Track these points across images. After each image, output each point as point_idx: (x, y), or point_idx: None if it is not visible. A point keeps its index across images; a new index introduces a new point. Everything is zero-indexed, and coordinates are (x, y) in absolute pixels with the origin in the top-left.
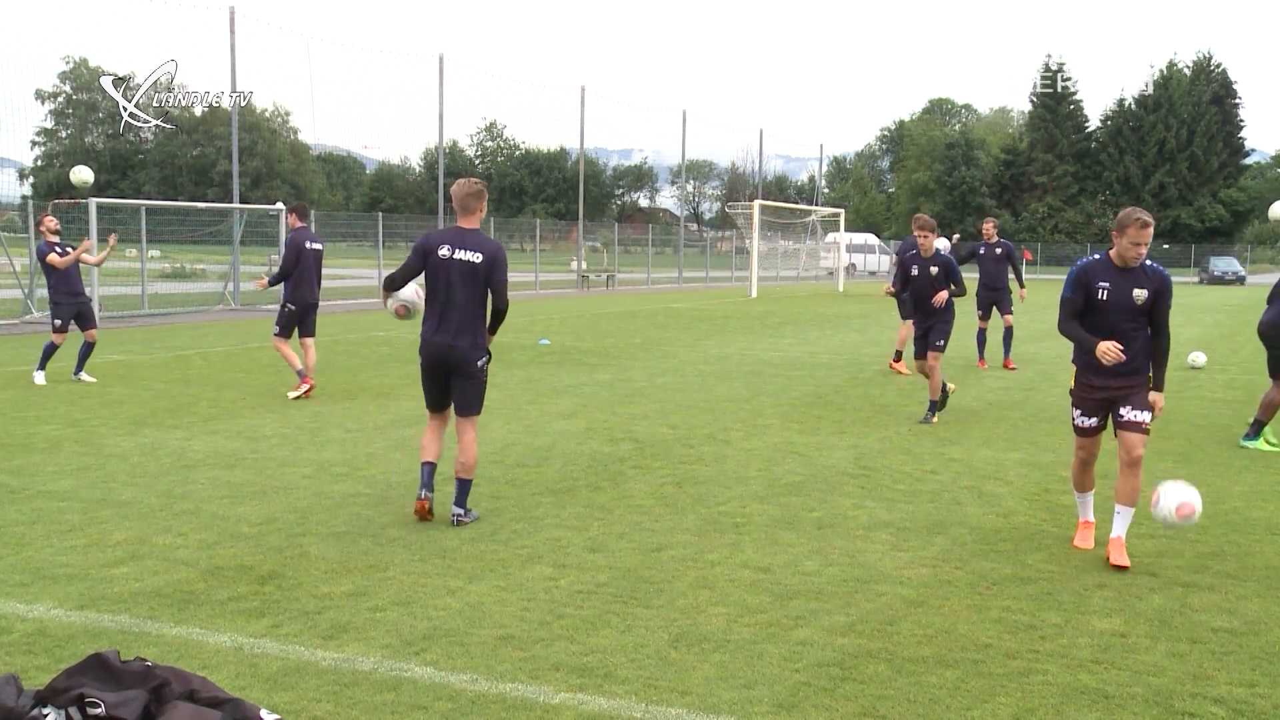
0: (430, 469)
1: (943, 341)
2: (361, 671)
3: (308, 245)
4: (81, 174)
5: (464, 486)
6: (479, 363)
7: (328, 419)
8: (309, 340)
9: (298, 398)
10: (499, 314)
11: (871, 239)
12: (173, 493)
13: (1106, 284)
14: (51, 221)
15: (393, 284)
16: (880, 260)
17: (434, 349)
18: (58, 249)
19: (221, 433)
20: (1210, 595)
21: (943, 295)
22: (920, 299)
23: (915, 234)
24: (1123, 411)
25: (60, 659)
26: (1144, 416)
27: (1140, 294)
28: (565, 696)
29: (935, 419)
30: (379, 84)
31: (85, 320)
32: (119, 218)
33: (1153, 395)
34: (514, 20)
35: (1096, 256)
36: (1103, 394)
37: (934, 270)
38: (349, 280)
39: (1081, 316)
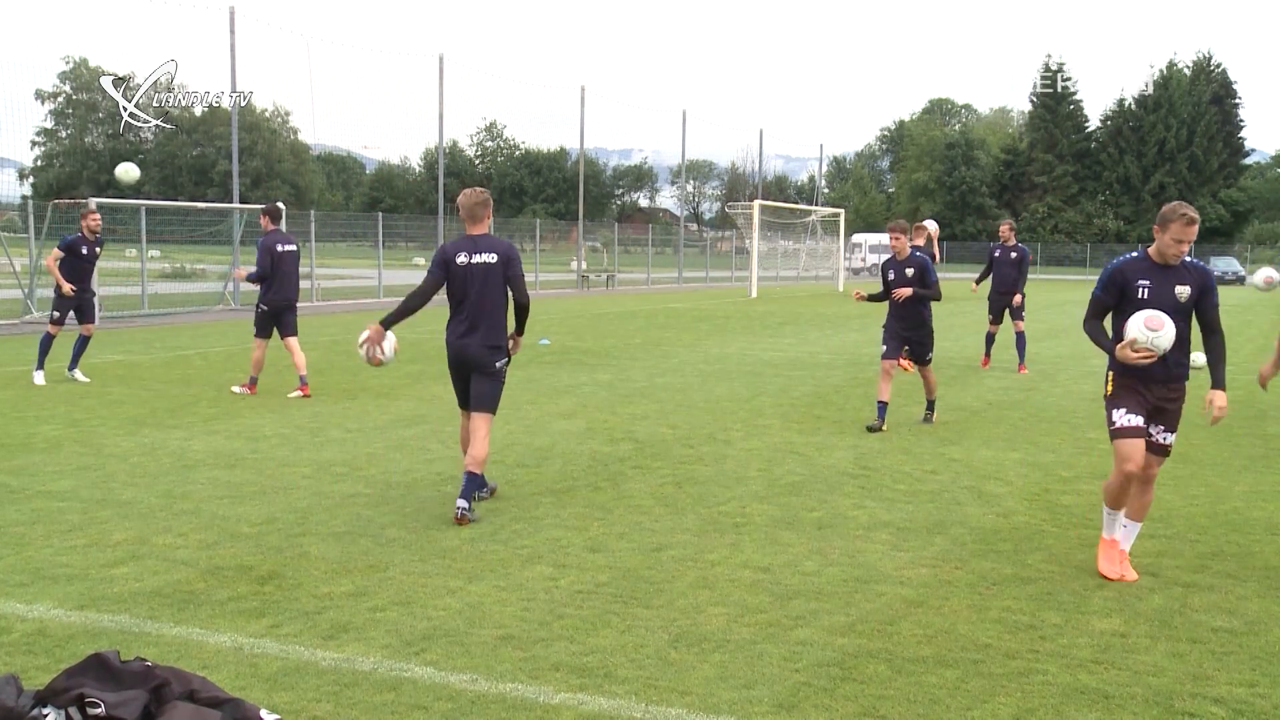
0: (473, 480)
1: (930, 355)
2: (361, 671)
3: (280, 248)
4: (130, 172)
5: (471, 480)
6: (498, 364)
7: (328, 419)
8: (292, 340)
9: (241, 392)
10: (521, 309)
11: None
12: (173, 493)
13: (1146, 282)
14: (95, 221)
15: (408, 309)
16: None
17: (457, 350)
18: (84, 248)
19: (221, 433)
20: (1210, 595)
21: (905, 290)
22: (896, 302)
23: (888, 236)
24: (1152, 430)
25: (60, 659)
26: (1171, 439)
27: (1183, 291)
28: (565, 696)
29: (935, 417)
30: (379, 84)
31: (84, 314)
32: (119, 218)
33: (1213, 393)
34: (514, 20)
35: (1134, 254)
36: (1147, 396)
37: (909, 272)
38: (349, 280)
39: (1117, 316)
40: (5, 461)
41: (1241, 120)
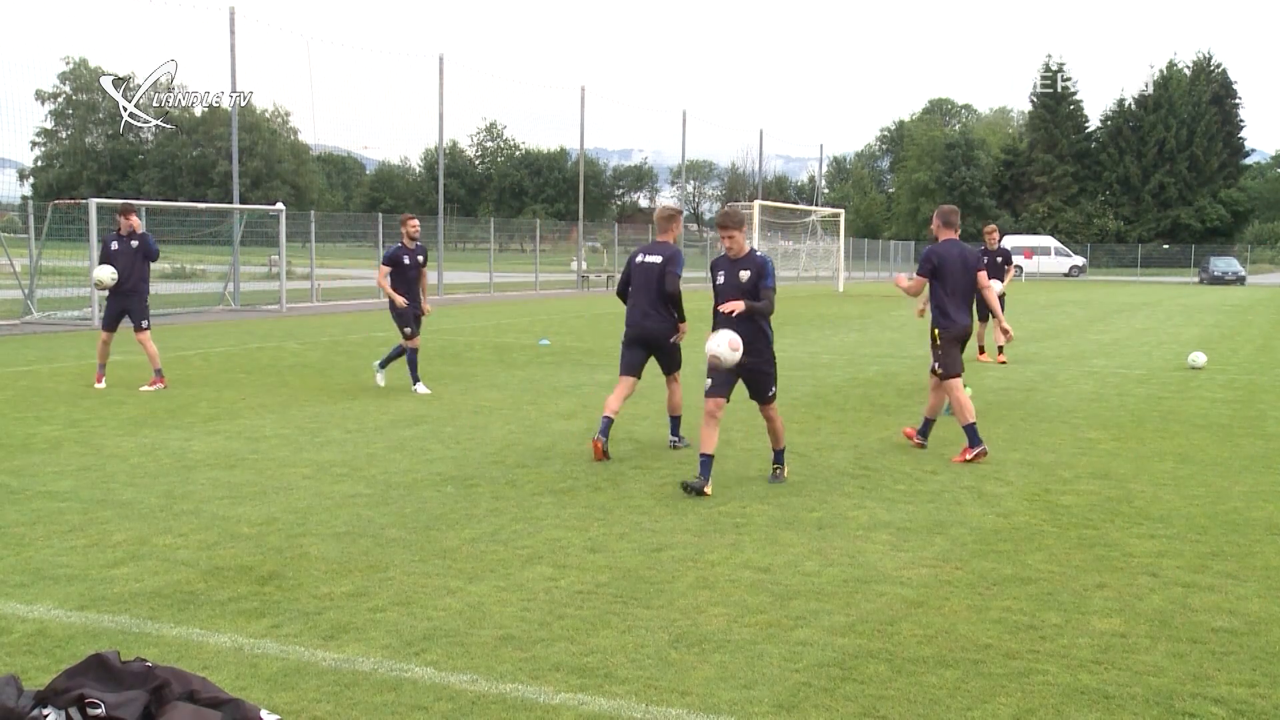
0: (609, 421)
1: (774, 390)
2: (361, 672)
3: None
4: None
5: (675, 421)
6: (670, 339)
7: (328, 419)
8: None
9: (95, 385)
10: (667, 297)
11: (1049, 241)
12: (173, 493)
13: None
14: (414, 227)
15: (619, 291)
16: (1058, 262)
17: (638, 329)
18: (405, 258)
19: (221, 433)
20: (1210, 595)
21: (736, 305)
22: (721, 315)
23: (720, 233)
24: None
25: (60, 659)
26: None
27: None
28: (565, 697)
29: (785, 472)
30: (379, 84)
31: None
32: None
33: None
34: (514, 20)
35: None
36: None
37: (744, 275)
38: (349, 281)
39: None
40: (5, 462)
41: (1241, 120)
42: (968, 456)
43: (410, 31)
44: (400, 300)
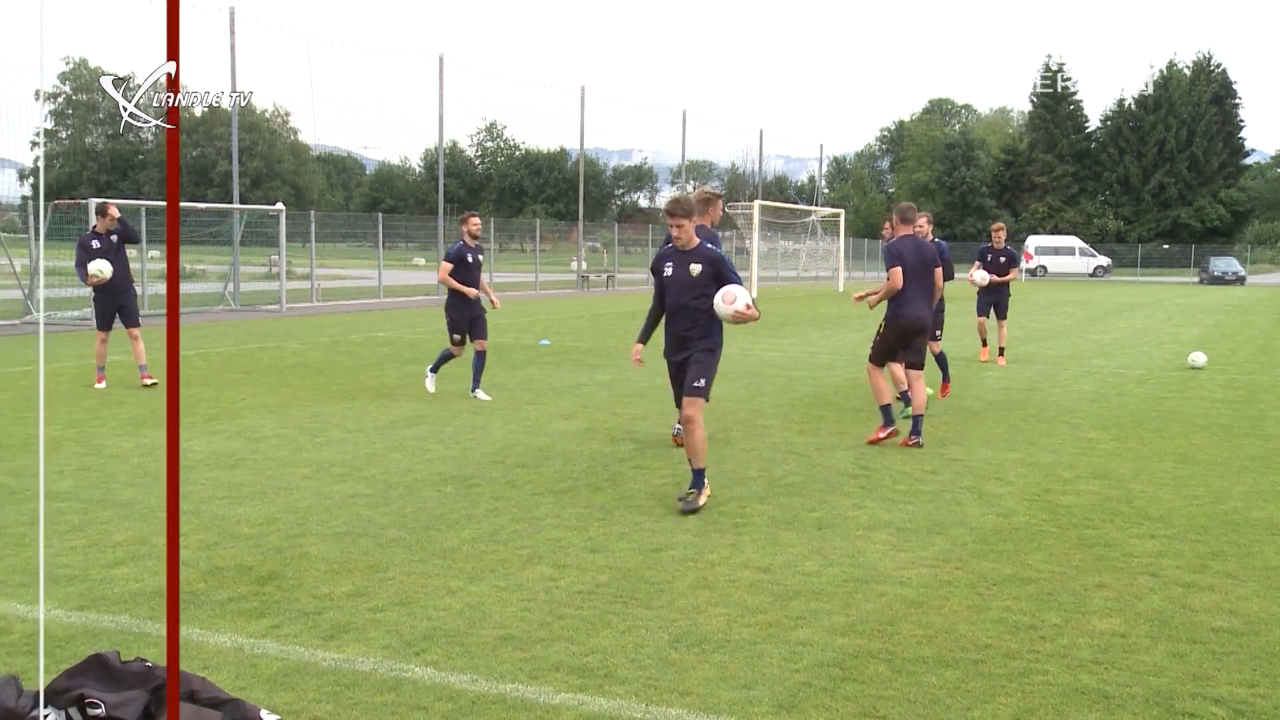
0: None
1: (703, 381)
2: (361, 672)
3: None
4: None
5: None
6: None
7: (328, 419)
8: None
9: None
10: None
11: (1074, 241)
12: None
13: None
14: (475, 225)
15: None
16: (1083, 262)
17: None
18: (469, 255)
19: (221, 433)
20: (1210, 595)
21: (751, 315)
22: (679, 310)
23: (668, 220)
24: None
25: (60, 659)
26: None
27: None
28: (565, 697)
29: (704, 496)
30: (379, 84)
31: (476, 328)
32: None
33: None
34: (514, 20)
35: None
36: None
37: (695, 269)
38: (349, 281)
39: None
40: (5, 462)
41: (1241, 120)
42: (880, 436)
43: (410, 31)
44: (472, 292)
